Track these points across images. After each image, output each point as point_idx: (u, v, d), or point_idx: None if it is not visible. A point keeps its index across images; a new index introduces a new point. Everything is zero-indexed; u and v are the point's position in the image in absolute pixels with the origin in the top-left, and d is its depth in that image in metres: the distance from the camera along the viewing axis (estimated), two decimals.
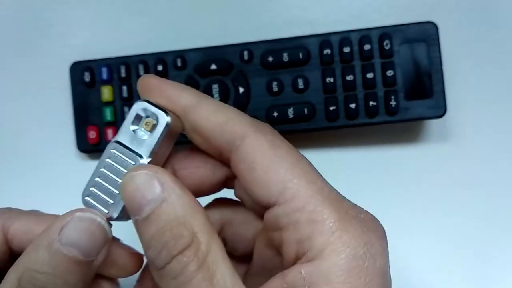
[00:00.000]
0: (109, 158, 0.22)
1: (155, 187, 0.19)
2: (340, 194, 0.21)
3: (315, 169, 0.21)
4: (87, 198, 0.22)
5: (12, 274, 0.20)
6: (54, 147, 0.37)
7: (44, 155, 0.38)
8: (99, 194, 0.22)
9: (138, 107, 0.22)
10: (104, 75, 0.35)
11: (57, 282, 0.19)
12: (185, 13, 0.37)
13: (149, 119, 0.22)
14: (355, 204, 0.21)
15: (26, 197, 0.35)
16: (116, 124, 0.35)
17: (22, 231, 0.23)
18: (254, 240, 0.24)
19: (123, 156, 0.22)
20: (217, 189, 0.24)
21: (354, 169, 0.35)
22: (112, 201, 0.21)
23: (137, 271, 0.23)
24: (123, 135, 0.22)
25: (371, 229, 0.20)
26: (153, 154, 0.22)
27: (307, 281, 0.19)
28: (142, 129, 0.22)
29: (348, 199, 0.21)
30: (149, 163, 0.21)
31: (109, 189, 0.21)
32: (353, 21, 0.36)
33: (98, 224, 0.21)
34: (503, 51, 0.35)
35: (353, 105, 0.33)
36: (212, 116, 0.22)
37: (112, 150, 0.22)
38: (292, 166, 0.20)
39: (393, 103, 0.33)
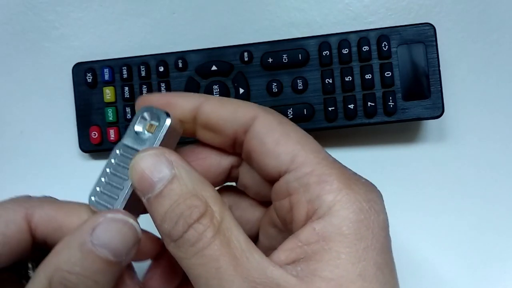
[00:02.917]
0: (114, 159, 0.23)
1: (165, 165, 0.20)
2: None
3: (318, 143, 0.23)
4: (92, 197, 0.22)
5: (42, 274, 0.20)
6: (57, 147, 0.38)
7: (47, 155, 0.38)
8: (104, 192, 0.22)
9: (143, 110, 0.23)
10: (106, 76, 0.35)
11: (88, 283, 0.20)
12: (186, 15, 0.37)
13: (152, 122, 0.23)
14: (356, 172, 0.23)
15: None
16: (118, 124, 0.36)
17: (45, 220, 0.22)
18: (259, 223, 0.26)
19: (127, 155, 0.22)
20: (222, 179, 0.25)
21: (352, 169, 0.36)
22: (116, 196, 0.22)
23: (155, 255, 0.24)
24: (128, 137, 0.23)
25: (371, 190, 0.22)
26: None
27: (320, 236, 0.20)
28: (146, 131, 0.23)
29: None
30: None
31: (114, 185, 0.22)
32: (351, 23, 0.36)
33: (131, 225, 0.21)
34: (499, 52, 0.36)
35: (351, 106, 0.33)
36: (222, 108, 0.23)
37: (117, 151, 0.23)
38: (299, 139, 0.22)
39: (391, 103, 0.33)
